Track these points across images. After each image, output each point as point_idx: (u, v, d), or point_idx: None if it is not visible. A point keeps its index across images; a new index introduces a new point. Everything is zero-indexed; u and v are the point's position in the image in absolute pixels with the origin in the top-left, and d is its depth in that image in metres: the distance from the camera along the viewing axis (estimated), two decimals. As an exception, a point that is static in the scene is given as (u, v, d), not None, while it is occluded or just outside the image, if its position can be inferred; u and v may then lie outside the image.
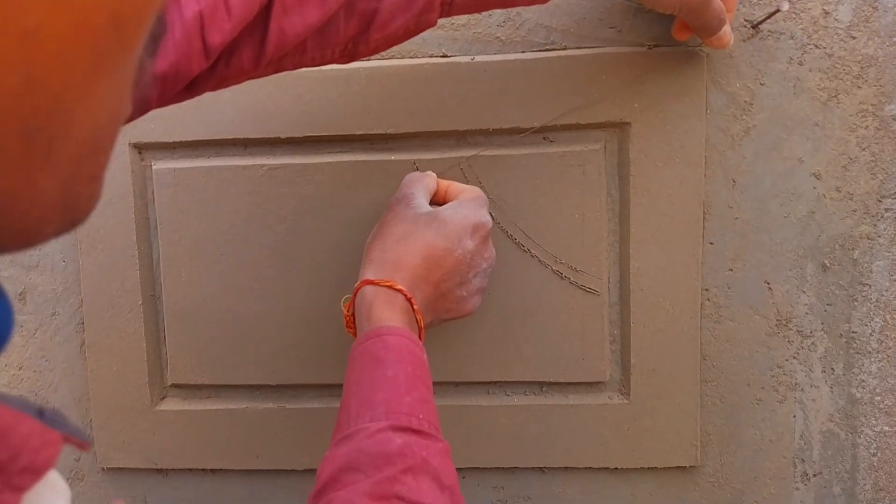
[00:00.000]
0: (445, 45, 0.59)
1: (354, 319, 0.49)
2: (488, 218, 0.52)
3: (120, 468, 0.65)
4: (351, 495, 0.37)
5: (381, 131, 0.59)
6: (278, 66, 0.46)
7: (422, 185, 0.54)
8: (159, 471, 0.66)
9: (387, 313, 0.46)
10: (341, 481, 0.38)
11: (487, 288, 0.54)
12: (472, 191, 0.54)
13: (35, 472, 0.18)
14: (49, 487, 0.19)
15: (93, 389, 0.64)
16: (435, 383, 0.62)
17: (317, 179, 0.60)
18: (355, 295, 0.48)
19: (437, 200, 0.55)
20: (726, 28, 0.51)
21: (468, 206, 0.51)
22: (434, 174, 0.56)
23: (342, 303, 0.51)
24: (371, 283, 0.47)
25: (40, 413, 0.19)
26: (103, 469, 0.66)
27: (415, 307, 0.47)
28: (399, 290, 0.47)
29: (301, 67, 0.47)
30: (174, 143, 0.61)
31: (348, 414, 0.42)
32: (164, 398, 0.65)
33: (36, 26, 0.15)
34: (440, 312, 0.51)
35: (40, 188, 0.18)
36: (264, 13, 0.42)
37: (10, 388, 0.66)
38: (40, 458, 0.18)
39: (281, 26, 0.42)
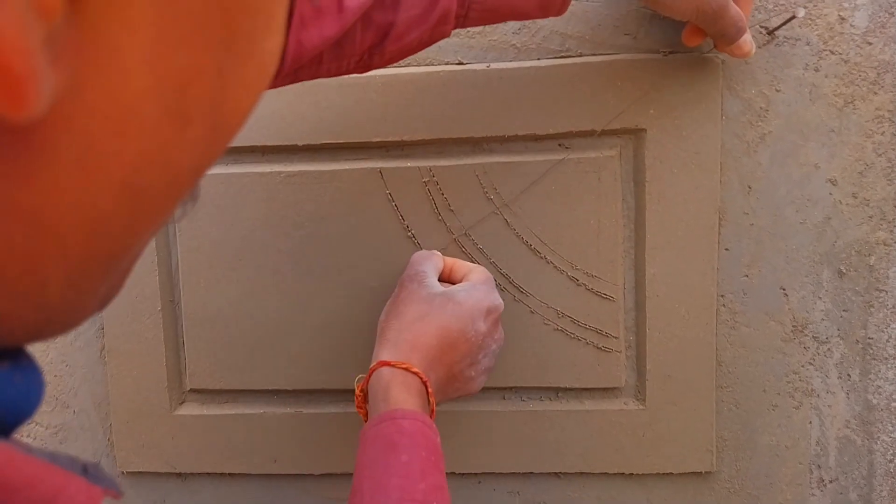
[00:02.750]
0: (461, 52, 0.59)
1: (366, 399, 0.49)
2: (500, 301, 0.53)
3: (139, 472, 0.66)
4: None
5: (397, 138, 0.59)
6: (294, 77, 0.46)
7: (431, 263, 0.55)
8: (178, 475, 0.66)
9: (403, 395, 0.46)
10: None
11: (494, 367, 0.54)
12: (480, 271, 0.55)
13: None
14: None
15: (112, 394, 0.65)
16: (450, 388, 0.63)
17: (333, 186, 0.60)
18: (370, 375, 0.48)
19: (443, 278, 0.56)
20: (746, 37, 0.51)
21: (481, 288, 0.52)
22: (440, 253, 0.57)
23: (355, 382, 0.51)
24: (388, 364, 0.47)
25: (84, 469, 0.20)
26: (123, 473, 0.67)
27: (429, 390, 0.47)
28: (415, 373, 0.47)
29: (317, 78, 0.48)
30: (193, 150, 0.61)
31: (361, 498, 0.42)
32: (182, 403, 0.65)
33: (148, 184, 0.17)
34: (449, 392, 0.51)
35: (96, 296, 0.20)
36: None
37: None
38: None
39: (299, 39, 0.42)
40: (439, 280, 0.55)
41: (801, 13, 0.54)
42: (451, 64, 0.59)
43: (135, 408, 0.64)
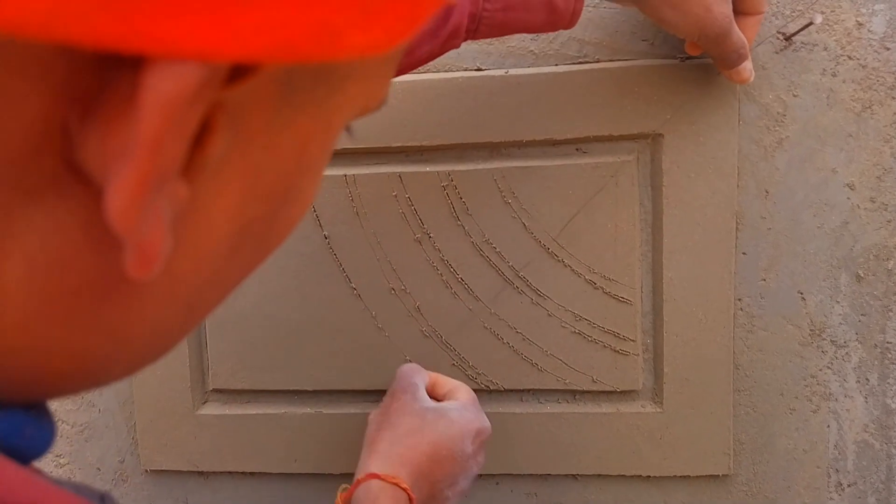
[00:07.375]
0: (480, 58, 0.60)
1: None
2: (489, 424, 0.53)
3: (162, 470, 0.67)
4: None
5: (416, 143, 0.60)
6: None
7: (421, 377, 0.55)
8: (200, 473, 0.67)
9: None
10: None
11: (468, 492, 0.53)
12: (466, 390, 0.55)
13: None
14: None
15: (137, 393, 0.66)
16: (468, 390, 0.64)
17: (354, 190, 0.61)
18: (356, 486, 0.47)
19: (427, 392, 0.55)
20: (747, 64, 0.51)
21: (472, 409, 0.52)
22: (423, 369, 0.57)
23: (339, 490, 0.49)
24: (377, 477, 0.47)
25: (102, 500, 0.22)
26: (146, 471, 0.68)
27: None
28: (405, 489, 0.46)
29: None
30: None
31: None
32: (205, 402, 0.67)
33: (203, 299, 0.22)
34: None
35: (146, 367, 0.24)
36: None
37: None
38: None
39: None
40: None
41: (818, 19, 0.55)
42: (470, 70, 0.60)
43: (158, 407, 0.66)
